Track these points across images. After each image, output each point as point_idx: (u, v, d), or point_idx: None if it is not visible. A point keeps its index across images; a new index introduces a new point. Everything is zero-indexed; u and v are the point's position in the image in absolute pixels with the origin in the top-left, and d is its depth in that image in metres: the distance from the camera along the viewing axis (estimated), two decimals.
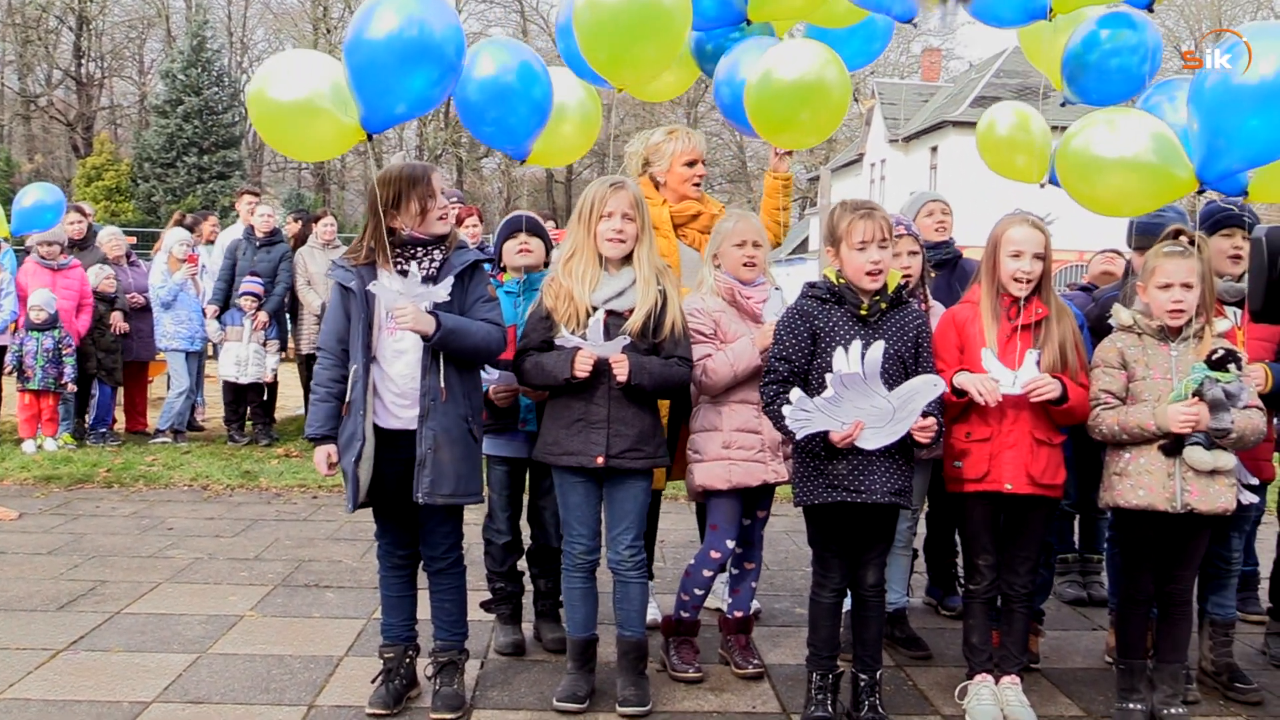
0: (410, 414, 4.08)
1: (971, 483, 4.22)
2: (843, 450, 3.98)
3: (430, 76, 3.84)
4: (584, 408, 4.21)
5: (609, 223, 4.26)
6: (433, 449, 4.04)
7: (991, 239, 4.32)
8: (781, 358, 4.12)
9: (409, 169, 4.13)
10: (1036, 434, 4.20)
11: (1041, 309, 4.23)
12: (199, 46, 35.83)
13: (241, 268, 10.45)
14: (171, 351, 10.41)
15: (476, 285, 4.18)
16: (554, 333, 4.22)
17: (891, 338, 4.09)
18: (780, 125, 4.50)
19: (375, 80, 3.82)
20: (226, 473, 8.92)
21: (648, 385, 4.19)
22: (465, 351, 4.08)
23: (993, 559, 4.28)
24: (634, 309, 4.24)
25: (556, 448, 4.24)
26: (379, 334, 4.13)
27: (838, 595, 4.19)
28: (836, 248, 4.15)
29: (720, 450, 4.51)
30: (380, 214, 4.07)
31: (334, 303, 4.20)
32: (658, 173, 5.29)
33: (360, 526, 7.16)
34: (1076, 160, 4.15)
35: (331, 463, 4.16)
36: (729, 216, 4.78)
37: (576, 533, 4.28)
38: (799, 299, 4.20)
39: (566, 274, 4.28)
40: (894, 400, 3.89)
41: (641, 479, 4.29)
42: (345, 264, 4.17)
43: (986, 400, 4.09)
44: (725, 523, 4.59)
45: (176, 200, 31.83)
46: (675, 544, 6.75)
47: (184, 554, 6.53)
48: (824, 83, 4.35)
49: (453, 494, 4.07)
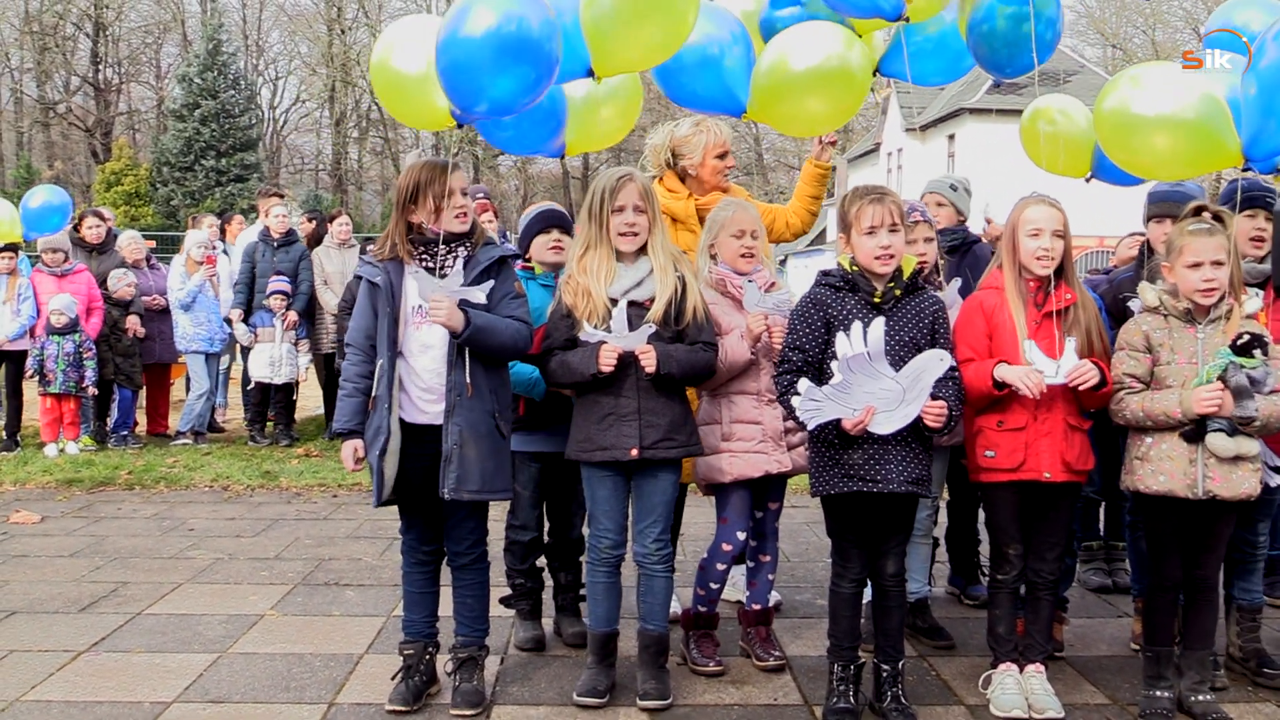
0: (436, 409, 4.08)
1: (1004, 472, 4.17)
2: (858, 439, 3.94)
3: (523, 78, 3.69)
4: (613, 401, 4.19)
5: (621, 216, 4.24)
6: (459, 444, 4.03)
7: (1009, 223, 4.27)
8: (795, 347, 4.09)
9: (427, 166, 4.12)
10: (1070, 420, 4.15)
11: (1070, 294, 4.18)
12: (214, 50, 36.02)
13: (261, 269, 10.46)
14: (191, 354, 10.43)
15: (504, 281, 4.17)
16: (576, 330, 4.20)
17: (907, 324, 4.05)
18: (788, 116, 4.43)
19: (460, 80, 3.72)
20: (247, 473, 8.95)
21: (676, 373, 4.17)
22: (492, 349, 4.08)
23: (1021, 548, 4.24)
24: (654, 298, 4.22)
25: (589, 444, 4.21)
26: (405, 328, 4.14)
27: (857, 585, 4.15)
28: (848, 234, 4.12)
29: (720, 443, 4.49)
30: (400, 208, 4.11)
31: (362, 298, 4.20)
32: (689, 165, 5.25)
33: (380, 524, 7.17)
34: (1115, 118, 4.01)
35: (359, 458, 4.16)
36: (725, 205, 4.74)
37: (603, 527, 4.25)
38: (813, 288, 4.17)
39: (582, 271, 4.26)
40: (902, 380, 3.85)
41: (672, 471, 4.26)
42: (372, 260, 4.19)
43: (1034, 393, 4.03)
44: (735, 515, 4.56)
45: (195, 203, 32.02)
46: (694, 537, 6.72)
47: (205, 554, 6.54)
48: (845, 69, 4.27)
49: (479, 490, 4.06)
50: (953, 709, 4.26)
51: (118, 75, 47.50)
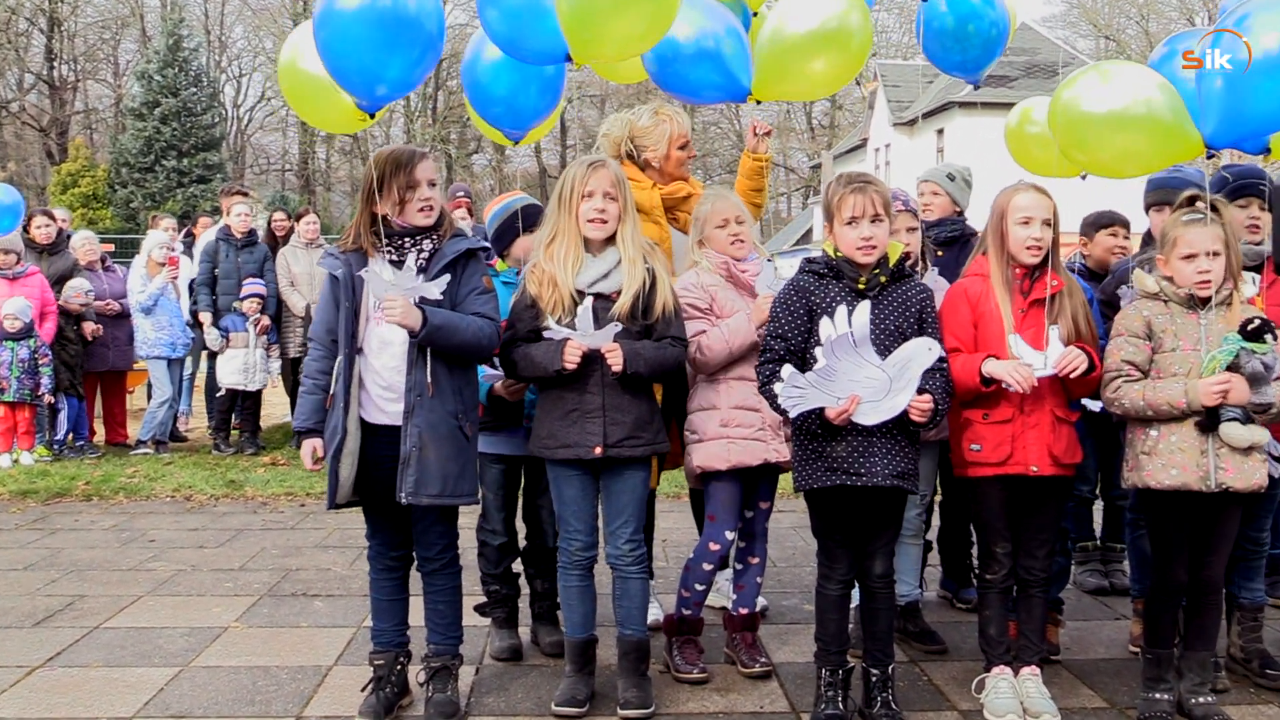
0: (397, 408, 4.06)
1: (990, 466, 4.18)
2: (841, 431, 3.94)
3: (407, 56, 3.78)
4: (577, 398, 4.18)
5: (590, 203, 4.24)
6: (418, 447, 4.00)
7: (996, 208, 4.28)
8: (778, 335, 4.09)
9: (393, 156, 4.11)
10: (1057, 412, 4.18)
11: (1057, 280, 4.20)
12: (175, 46, 35.85)
13: (224, 270, 10.42)
14: (153, 359, 10.36)
15: (471, 275, 4.14)
16: (540, 321, 4.19)
17: (893, 312, 4.05)
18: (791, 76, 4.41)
19: (347, 65, 3.76)
20: (211, 483, 8.90)
21: (644, 371, 4.17)
22: (454, 349, 4.05)
23: (1010, 545, 4.24)
24: (621, 291, 4.21)
25: (552, 440, 4.20)
26: (365, 324, 4.12)
27: (844, 587, 4.15)
28: (831, 223, 4.13)
29: (718, 429, 4.49)
30: (365, 199, 4.10)
31: (325, 292, 4.20)
32: (652, 156, 5.25)
33: (349, 533, 7.14)
34: (1069, 116, 4.05)
35: (318, 457, 4.14)
36: (706, 198, 4.76)
37: (573, 528, 4.24)
38: (796, 275, 4.18)
39: (549, 259, 4.25)
40: (889, 369, 3.85)
41: (640, 469, 4.26)
42: (335, 251, 4.19)
43: (1024, 388, 4.04)
44: (723, 512, 4.56)
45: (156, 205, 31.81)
46: (677, 543, 6.72)
47: (166, 566, 6.50)
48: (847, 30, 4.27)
49: (440, 494, 4.04)
50: (945, 714, 4.26)
51: (73, 72, 47.20)
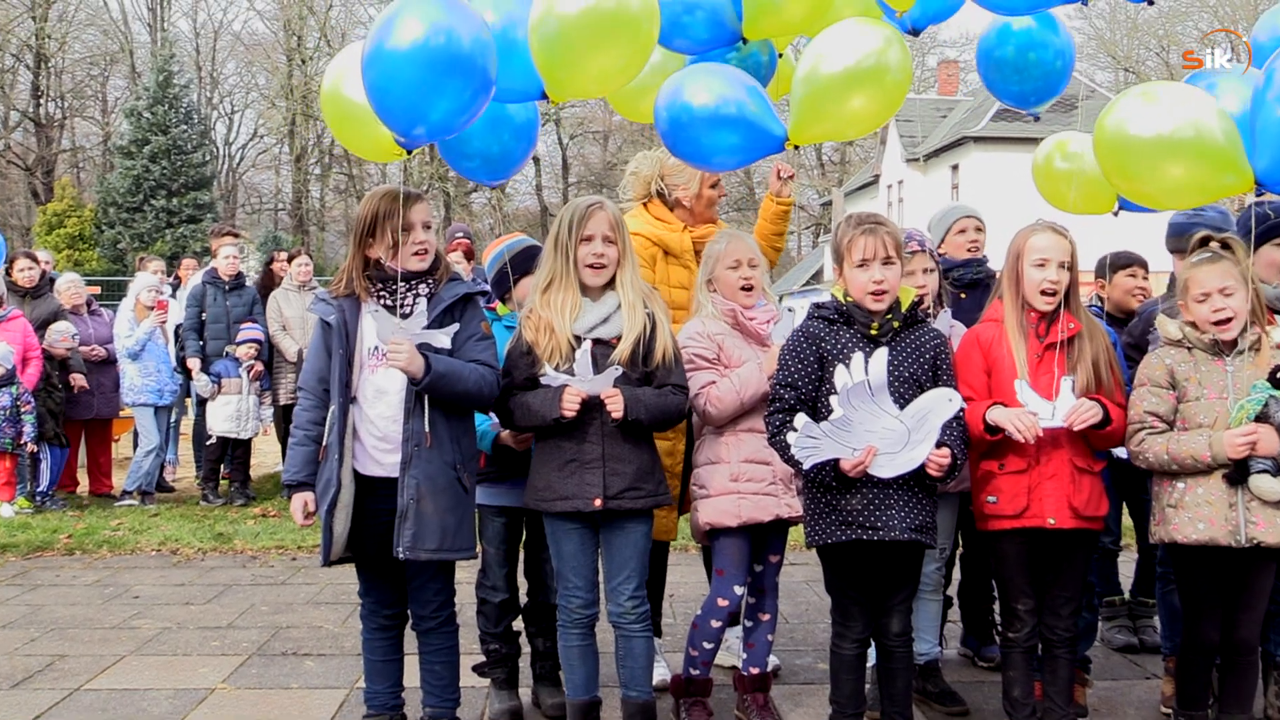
0: (393, 460, 4.06)
1: (1008, 519, 4.15)
2: (856, 483, 3.93)
3: (459, 96, 3.70)
4: (576, 447, 4.17)
5: (589, 246, 4.24)
6: (415, 499, 3.99)
7: (1012, 250, 4.28)
8: (787, 384, 4.08)
9: (386, 196, 4.13)
10: (1077, 462, 4.14)
11: (1073, 324, 4.18)
12: (165, 82, 36.12)
13: (212, 314, 10.44)
14: (139, 406, 10.35)
15: (469, 322, 4.16)
16: (537, 369, 4.19)
17: (907, 359, 4.05)
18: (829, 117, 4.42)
19: (393, 102, 3.71)
20: (198, 535, 8.86)
21: (644, 419, 4.16)
22: (456, 397, 4.05)
23: (1032, 602, 4.21)
24: (621, 336, 4.21)
25: (549, 492, 4.18)
26: (360, 372, 4.12)
27: (860, 646, 4.12)
28: (840, 265, 4.14)
29: (728, 484, 4.46)
30: (357, 242, 4.12)
31: (315, 339, 4.21)
32: (684, 196, 5.27)
33: (342, 589, 7.09)
34: (1111, 140, 4.00)
35: (309, 512, 4.14)
36: (718, 238, 4.77)
37: (572, 585, 4.22)
38: (805, 320, 4.18)
39: (545, 305, 4.25)
40: (907, 420, 3.84)
41: (641, 521, 4.24)
42: (326, 297, 4.19)
43: (1026, 438, 4.03)
44: (733, 567, 4.53)
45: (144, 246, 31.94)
46: (685, 598, 6.67)
47: (151, 624, 6.46)
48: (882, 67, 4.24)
49: (438, 549, 4.03)
50: None
51: (60, 110, 47.61)
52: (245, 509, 10.00)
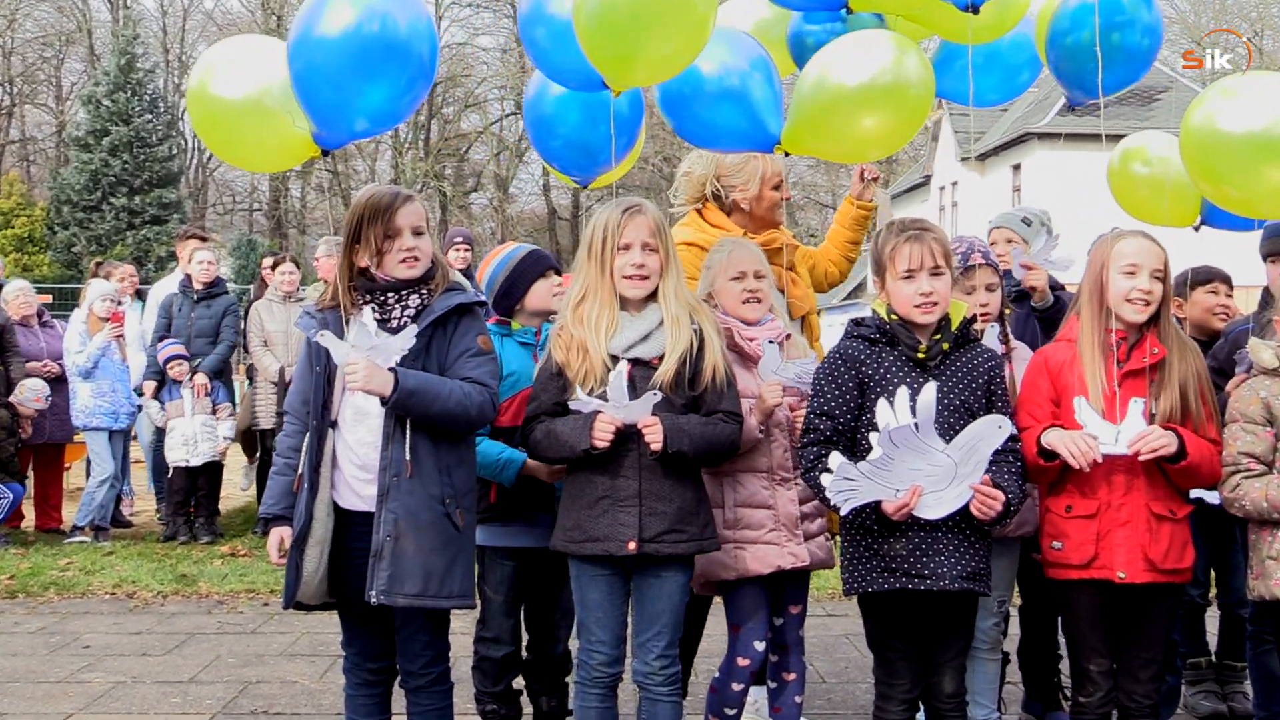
0: (373, 492, 4.06)
1: (1075, 569, 4.12)
2: (900, 525, 3.91)
3: (395, 85, 3.84)
4: (609, 483, 4.15)
5: (627, 256, 4.23)
6: (392, 536, 3.99)
7: (1096, 258, 4.25)
8: (822, 413, 4.07)
9: (374, 198, 4.14)
10: (1154, 506, 4.09)
11: (1158, 348, 4.14)
12: (128, 66, 36.35)
13: (178, 327, 10.43)
14: (92, 431, 10.36)
15: (463, 335, 4.16)
16: (568, 393, 4.17)
17: (957, 384, 4.04)
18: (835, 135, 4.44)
19: (325, 91, 3.81)
20: (158, 577, 8.86)
21: (688, 451, 4.12)
22: (433, 418, 4.04)
23: (1106, 663, 4.18)
24: (664, 356, 4.19)
25: (578, 533, 4.17)
26: (341, 393, 4.12)
27: (907, 708, 4.10)
28: (882, 278, 4.14)
29: (723, 531, 4.43)
30: (345, 248, 4.14)
31: (302, 357, 4.24)
32: (743, 198, 5.29)
33: (321, 639, 7.08)
34: (1199, 139, 3.98)
35: (285, 550, 4.14)
36: (721, 245, 4.77)
37: (596, 639, 4.20)
38: (843, 340, 4.17)
39: (578, 321, 4.24)
40: (954, 453, 3.82)
41: (681, 570, 4.21)
42: (312, 310, 4.21)
43: (1080, 463, 3.99)
44: (749, 620, 4.52)
45: (102, 250, 32.08)
46: (705, 653, 6.61)
47: (102, 678, 6.45)
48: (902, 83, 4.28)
49: (420, 594, 4.01)
50: None
51: (9, 96, 48.00)
52: (212, 547, 10.00)
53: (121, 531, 10.76)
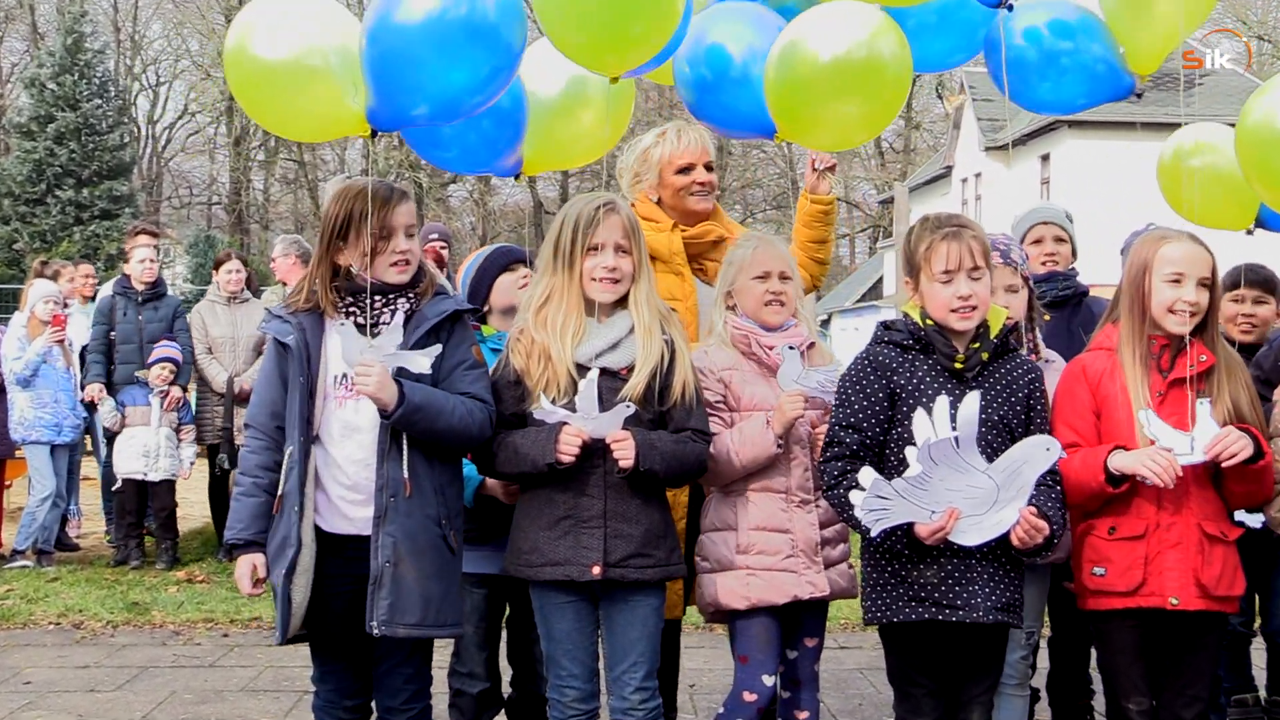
0: (363, 514, 4.07)
1: (1120, 597, 4.12)
2: (931, 550, 3.91)
3: (476, 70, 3.82)
4: (572, 501, 4.17)
5: (598, 258, 4.25)
6: (392, 562, 4.00)
7: (1136, 262, 4.24)
8: (849, 425, 4.07)
9: (364, 193, 4.12)
10: (1207, 526, 4.10)
11: (1207, 355, 4.15)
12: (75, 47, 36.33)
13: (122, 333, 10.39)
14: (32, 445, 10.32)
15: (457, 345, 4.18)
16: (526, 403, 4.18)
17: (996, 398, 4.04)
18: (810, 119, 4.44)
19: (397, 67, 3.81)
20: (108, 605, 8.84)
21: (659, 470, 4.14)
22: (437, 436, 4.06)
23: (1147, 702, 4.18)
24: (633, 366, 4.20)
25: (536, 556, 4.18)
26: (324, 404, 4.13)
27: None
28: (915, 279, 4.11)
29: (734, 556, 4.45)
30: (326, 246, 4.13)
31: (268, 365, 4.23)
32: (649, 188, 5.29)
33: (285, 673, 7.07)
34: (1259, 134, 3.99)
35: (258, 578, 4.14)
36: (745, 241, 4.78)
37: (566, 672, 4.21)
38: (871, 346, 4.17)
39: (540, 325, 4.26)
40: (996, 475, 3.81)
41: (652, 595, 4.23)
42: (283, 312, 4.20)
43: (1165, 480, 3.95)
44: (759, 653, 4.52)
45: (47, 246, 32.01)
46: (708, 689, 6.64)
47: (45, 717, 6.44)
48: (876, 61, 4.29)
49: (420, 623, 4.04)
50: None
51: None
52: (167, 573, 9.96)
53: (67, 555, 10.72)
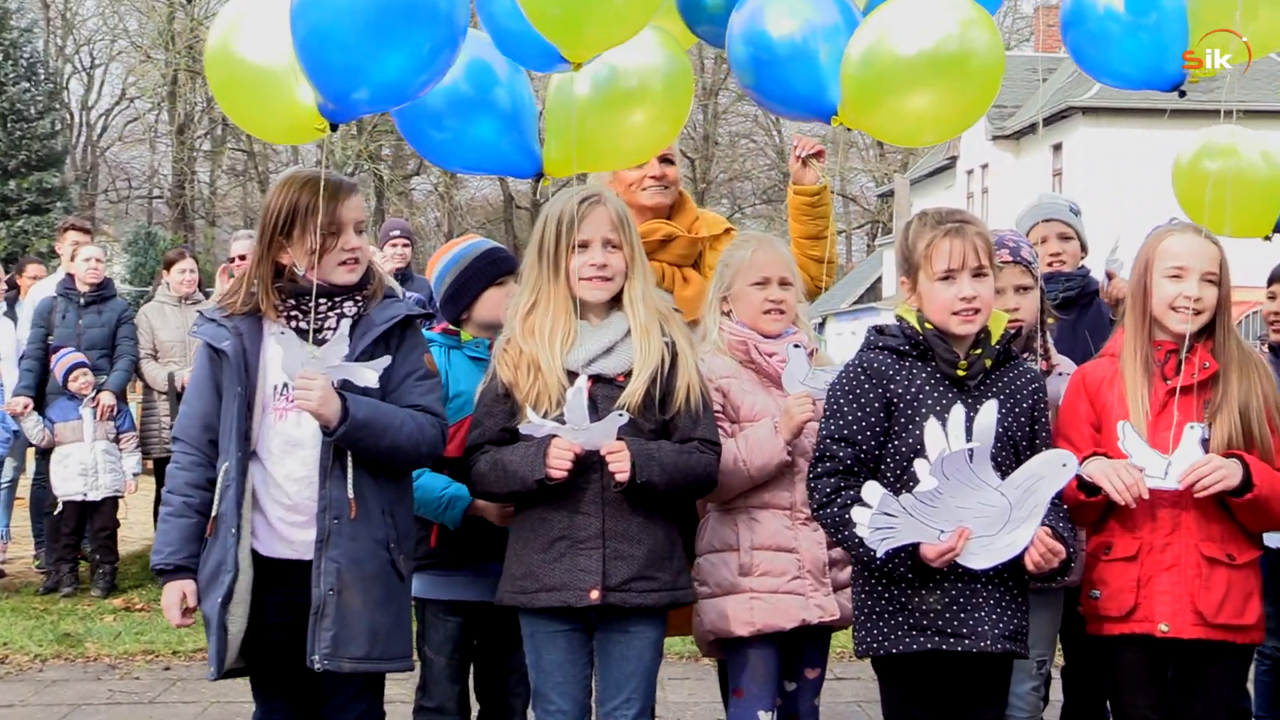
0: (305, 537, 4.07)
1: (1115, 622, 4.15)
2: (934, 574, 3.92)
3: (416, 50, 3.80)
4: (567, 521, 4.17)
5: (586, 254, 4.26)
6: (335, 590, 4.00)
7: (1139, 259, 4.28)
8: (840, 438, 4.07)
9: (309, 185, 4.12)
10: (1205, 549, 4.11)
11: (1210, 362, 4.16)
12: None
13: (61, 336, 10.35)
14: None
15: (408, 353, 4.19)
16: (517, 418, 4.19)
17: (999, 408, 4.02)
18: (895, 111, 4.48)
19: (326, 52, 3.79)
20: (36, 637, 8.81)
21: (659, 483, 4.14)
22: (382, 454, 4.06)
23: None
24: (630, 372, 4.21)
25: (530, 582, 4.18)
26: (263, 417, 4.13)
27: None
28: (913, 279, 4.13)
29: (736, 579, 4.46)
30: (267, 242, 4.12)
31: (199, 372, 4.21)
32: (604, 182, 5.33)
33: (232, 709, 7.06)
34: None
35: (188, 607, 4.13)
36: (743, 242, 4.79)
37: (556, 708, 4.22)
38: (863, 352, 4.18)
39: (528, 333, 4.26)
40: (1010, 492, 3.82)
41: (652, 625, 4.24)
42: (217, 315, 4.19)
43: (1125, 499, 4.00)
44: (755, 686, 4.52)
45: None
46: None
47: None
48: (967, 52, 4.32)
49: (366, 656, 4.04)
50: None
51: None
52: (102, 601, 9.92)
53: None
